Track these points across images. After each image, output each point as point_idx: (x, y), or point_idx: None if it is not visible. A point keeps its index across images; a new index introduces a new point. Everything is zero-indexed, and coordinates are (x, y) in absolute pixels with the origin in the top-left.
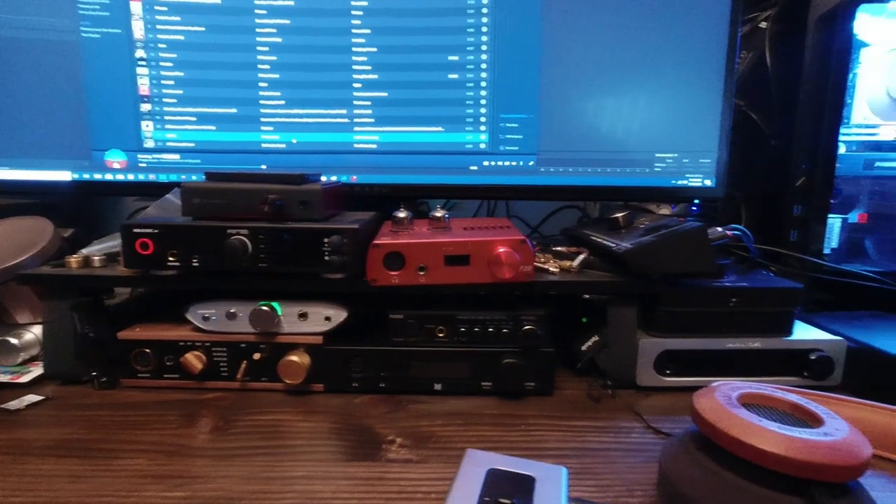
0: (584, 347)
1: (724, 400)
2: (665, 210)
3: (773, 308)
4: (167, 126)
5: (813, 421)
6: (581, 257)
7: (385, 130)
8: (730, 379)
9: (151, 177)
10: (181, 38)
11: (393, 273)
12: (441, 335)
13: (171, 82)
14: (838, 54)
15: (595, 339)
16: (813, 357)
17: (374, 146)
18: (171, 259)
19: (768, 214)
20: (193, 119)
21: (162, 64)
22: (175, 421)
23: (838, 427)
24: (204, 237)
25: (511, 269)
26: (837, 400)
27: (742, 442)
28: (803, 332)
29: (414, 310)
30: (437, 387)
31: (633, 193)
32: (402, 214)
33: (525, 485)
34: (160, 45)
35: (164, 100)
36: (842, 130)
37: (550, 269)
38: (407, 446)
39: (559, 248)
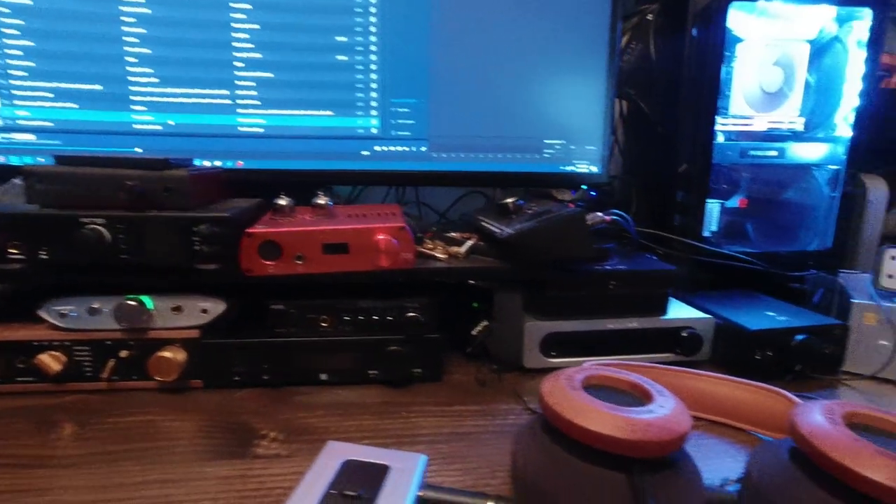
0: (474, 332)
1: (567, 383)
2: (566, 196)
3: (649, 289)
4: (16, 102)
5: (646, 399)
6: (469, 243)
7: (272, 113)
8: (608, 358)
9: (1, 159)
10: (28, 2)
11: (269, 262)
12: (325, 325)
13: (19, 52)
14: (714, 48)
15: (485, 323)
16: (684, 334)
17: (261, 130)
18: (13, 251)
19: (659, 200)
20: (50, 95)
21: (5, 31)
22: (23, 429)
23: (664, 404)
24: (52, 227)
25: (389, 257)
26: (690, 374)
27: (571, 422)
28: (677, 311)
29: (296, 300)
30: (323, 377)
31: (524, 179)
32: (282, 202)
33: (377, 474)
34: (1, 10)
35: (11, 72)
36: (721, 120)
37: (438, 255)
38: (279, 440)
39: (453, 234)
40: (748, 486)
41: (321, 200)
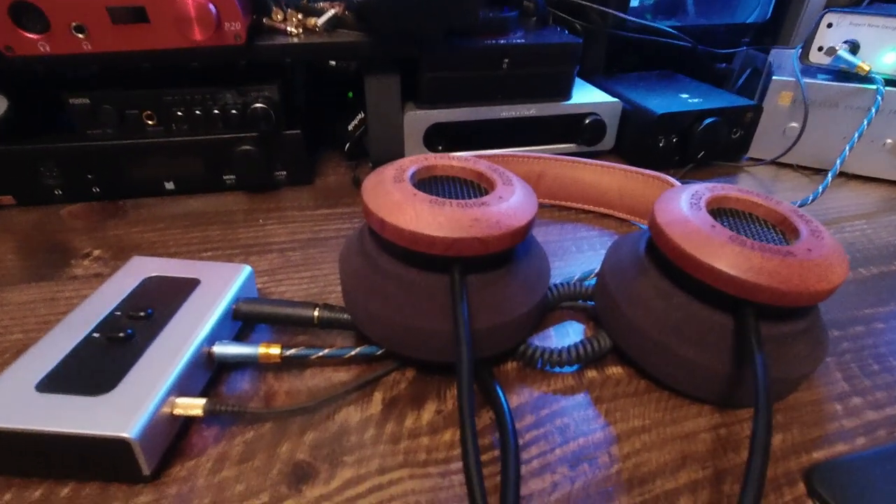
0: (350, 127)
1: (395, 175)
2: None
3: (551, 68)
4: None
5: (488, 189)
6: (330, 13)
7: None
8: (500, 151)
9: None
10: None
11: (35, 36)
12: (151, 123)
13: None
14: None
15: (361, 115)
16: (586, 122)
17: None
18: None
19: None
20: None
21: None
22: None
23: (505, 194)
24: None
25: (206, 28)
26: (575, 164)
27: (384, 221)
28: (584, 96)
29: (104, 90)
30: (169, 186)
31: None
32: None
33: (181, 290)
34: None
35: None
36: None
37: (289, 29)
38: (104, 259)
39: (321, 3)
40: (600, 278)
41: None
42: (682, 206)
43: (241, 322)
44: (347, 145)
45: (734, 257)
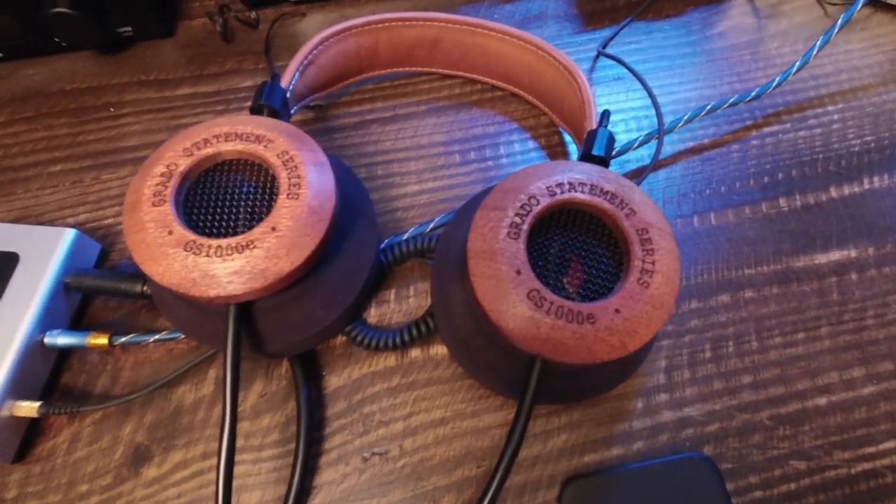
0: None
1: (154, 192)
2: None
3: None
4: None
5: (276, 191)
6: None
7: None
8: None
9: None
10: None
11: None
12: None
13: None
14: None
15: None
16: None
17: None
18: None
19: None
20: None
21: None
22: None
23: (279, 219)
24: None
25: None
26: (480, 30)
27: (141, 267)
28: None
29: None
30: None
31: None
32: None
33: (3, 268)
34: None
35: None
36: None
37: None
38: None
39: None
40: (434, 256)
41: None
42: (503, 224)
43: (80, 294)
44: None
45: (524, 321)
